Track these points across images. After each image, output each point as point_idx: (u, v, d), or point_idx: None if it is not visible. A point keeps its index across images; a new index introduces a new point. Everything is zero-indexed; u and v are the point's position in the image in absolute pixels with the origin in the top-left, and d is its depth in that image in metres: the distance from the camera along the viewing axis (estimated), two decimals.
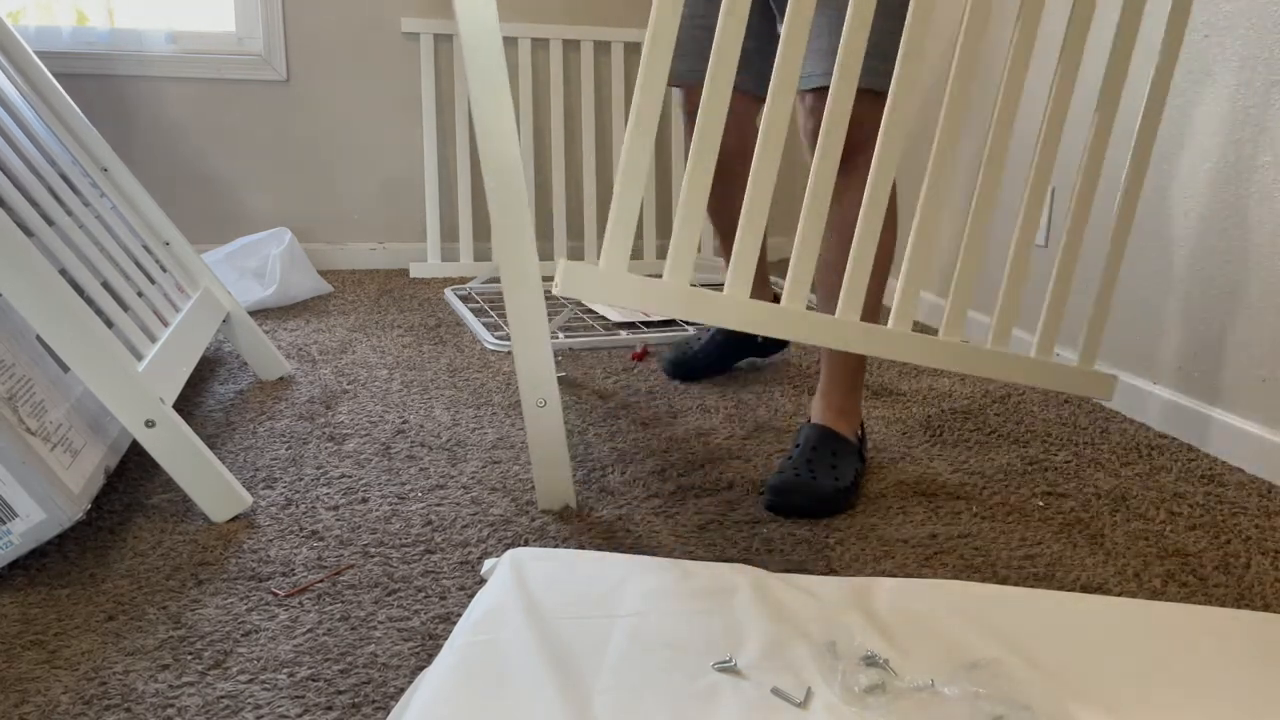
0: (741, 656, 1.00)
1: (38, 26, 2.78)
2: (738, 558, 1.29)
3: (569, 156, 3.17)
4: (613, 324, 2.45)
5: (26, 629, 1.09)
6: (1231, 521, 1.44)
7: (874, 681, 0.95)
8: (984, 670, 0.97)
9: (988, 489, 1.53)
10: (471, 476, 1.53)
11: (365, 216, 3.13)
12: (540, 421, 1.37)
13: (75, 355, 1.25)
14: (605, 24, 3.13)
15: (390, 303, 2.67)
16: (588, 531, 1.35)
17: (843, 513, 1.45)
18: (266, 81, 2.96)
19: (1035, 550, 1.33)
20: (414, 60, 3.03)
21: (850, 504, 1.47)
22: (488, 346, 2.26)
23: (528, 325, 1.34)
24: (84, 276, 1.44)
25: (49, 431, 1.27)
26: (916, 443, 1.72)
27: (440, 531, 1.34)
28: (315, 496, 1.44)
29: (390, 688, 1.00)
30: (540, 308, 1.35)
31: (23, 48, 1.80)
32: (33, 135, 1.63)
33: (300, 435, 1.68)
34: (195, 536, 1.31)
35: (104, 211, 1.71)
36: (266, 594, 1.17)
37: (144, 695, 0.97)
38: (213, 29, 2.93)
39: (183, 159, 2.95)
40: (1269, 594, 1.24)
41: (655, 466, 1.58)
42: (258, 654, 1.05)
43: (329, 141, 3.04)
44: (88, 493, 1.27)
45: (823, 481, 1.45)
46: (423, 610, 1.14)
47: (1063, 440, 1.74)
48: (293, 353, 2.17)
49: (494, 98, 1.29)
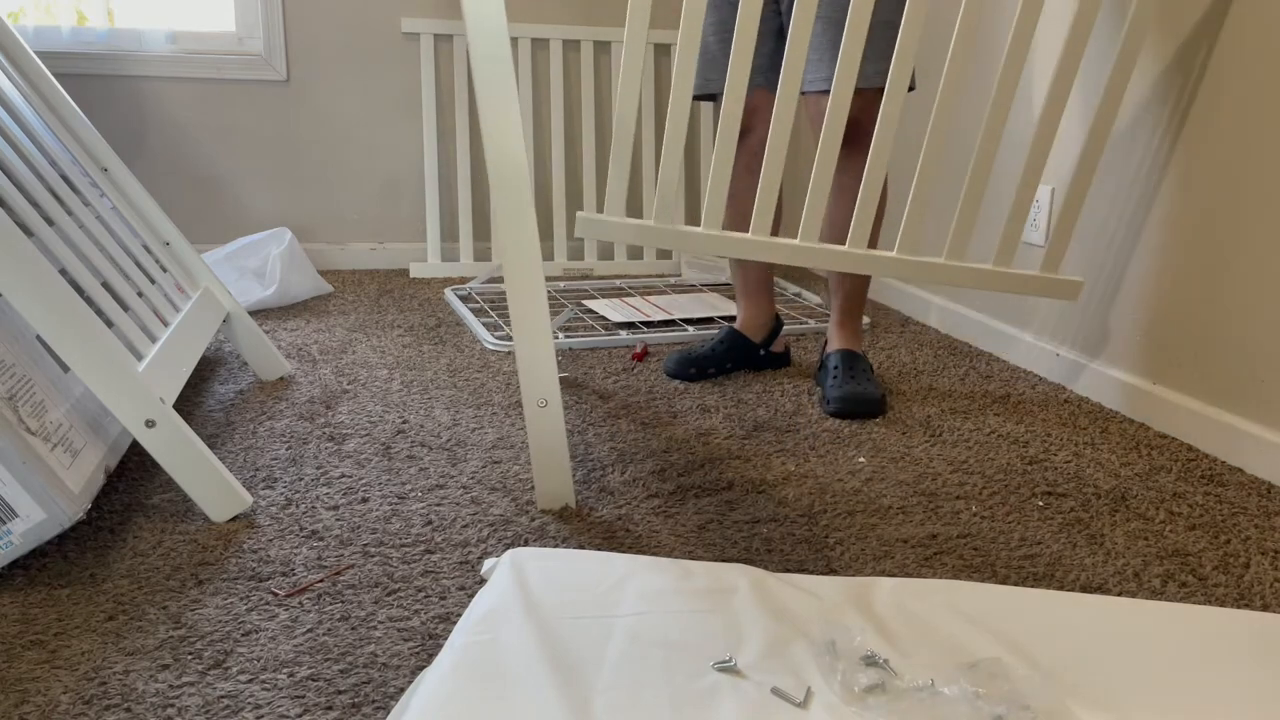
0: (741, 656, 1.00)
1: (37, 26, 2.78)
2: (738, 558, 1.29)
3: (569, 156, 3.17)
4: (613, 324, 2.45)
5: (26, 629, 1.09)
6: (1231, 521, 1.44)
7: (874, 681, 0.95)
8: (984, 670, 0.97)
9: (988, 489, 1.53)
10: (471, 476, 1.53)
11: (365, 216, 3.13)
12: (541, 421, 1.37)
13: (75, 355, 1.25)
14: (605, 24, 3.13)
15: (390, 303, 2.67)
16: (588, 531, 1.35)
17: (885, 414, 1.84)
18: (266, 81, 2.96)
19: (1035, 550, 1.33)
20: (414, 60, 3.03)
21: (888, 406, 1.89)
22: (488, 346, 2.26)
23: (530, 324, 1.34)
24: (84, 276, 1.44)
25: (49, 431, 1.27)
26: (916, 443, 1.72)
27: (440, 531, 1.34)
28: (315, 496, 1.44)
29: (390, 688, 1.00)
30: (543, 307, 1.35)
31: (23, 48, 1.80)
32: (33, 135, 1.63)
33: (300, 435, 1.68)
34: (195, 536, 1.31)
35: (104, 211, 1.71)
36: (266, 594, 1.17)
37: (144, 695, 0.97)
38: (213, 29, 2.93)
39: (183, 159, 2.95)
40: (1269, 594, 1.24)
41: (655, 466, 1.58)
42: (258, 654, 1.05)
43: (329, 141, 3.05)
44: (88, 493, 1.27)
45: (872, 389, 1.85)
46: (423, 610, 1.14)
47: (1063, 440, 1.74)
48: (293, 353, 2.17)
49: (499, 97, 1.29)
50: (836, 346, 1.98)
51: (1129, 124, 1.87)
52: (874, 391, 1.84)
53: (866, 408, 1.82)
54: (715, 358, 2.04)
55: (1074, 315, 2.05)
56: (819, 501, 1.47)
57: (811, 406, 1.89)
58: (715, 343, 2.07)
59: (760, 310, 2.07)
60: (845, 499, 1.48)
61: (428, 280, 2.99)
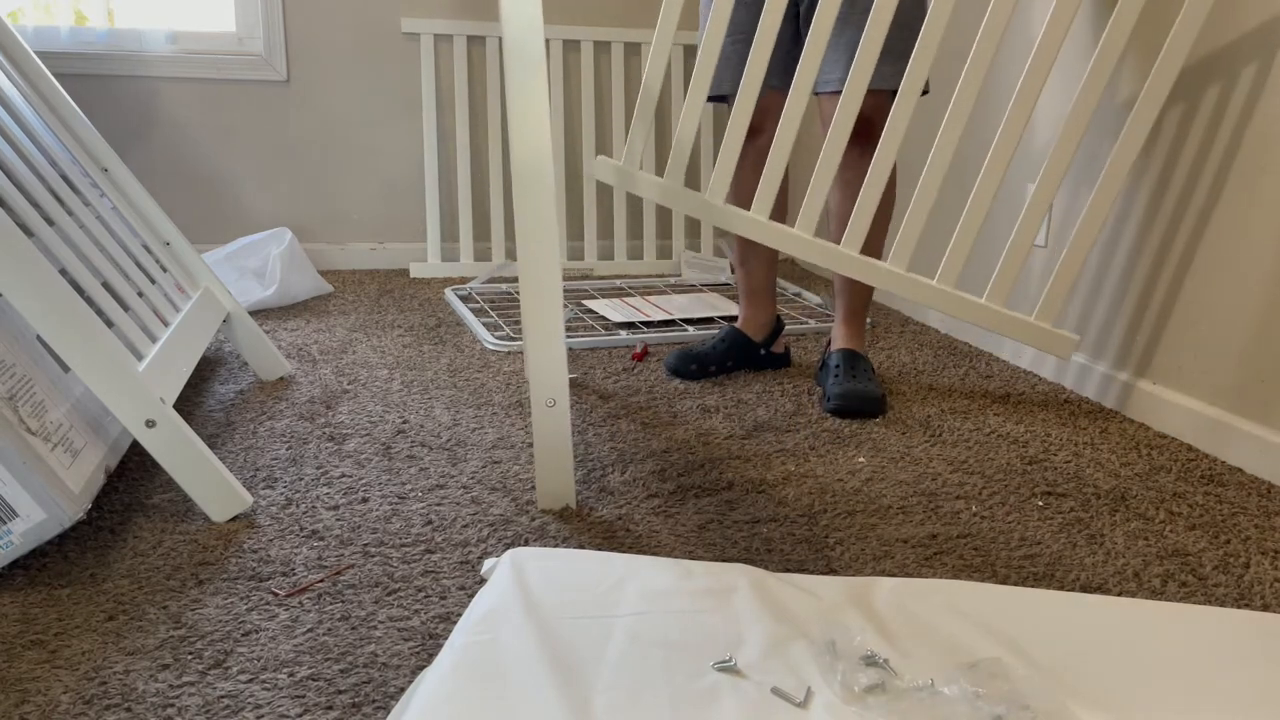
0: (741, 656, 1.00)
1: (36, 26, 2.78)
2: (738, 558, 1.29)
3: (569, 156, 3.17)
4: (613, 324, 2.45)
5: (27, 629, 1.09)
6: (1231, 521, 1.44)
7: (874, 681, 0.95)
8: (984, 670, 0.97)
9: (988, 489, 1.53)
10: (471, 476, 1.53)
11: (365, 216, 3.13)
12: (548, 421, 1.37)
13: (75, 355, 1.25)
14: (605, 24, 3.13)
15: (390, 303, 2.67)
16: (588, 531, 1.35)
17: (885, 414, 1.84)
18: (266, 81, 2.96)
19: (1035, 550, 1.33)
20: (414, 60, 3.03)
21: (888, 406, 1.88)
22: (488, 346, 2.26)
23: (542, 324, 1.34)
24: (84, 276, 1.44)
25: (49, 431, 1.27)
26: (916, 443, 1.72)
27: (440, 531, 1.34)
28: (315, 496, 1.44)
29: (390, 687, 1.00)
30: (557, 308, 1.34)
31: (23, 47, 1.80)
32: (33, 135, 1.63)
33: (300, 435, 1.68)
34: (195, 536, 1.31)
35: (104, 211, 1.71)
36: (267, 594, 1.17)
37: (144, 695, 0.97)
38: (213, 29, 2.93)
39: (183, 159, 2.95)
40: (1269, 594, 1.24)
41: (655, 466, 1.58)
42: (258, 654, 1.05)
43: (329, 141, 3.05)
44: (88, 493, 1.27)
45: (873, 388, 1.86)
46: (423, 610, 1.14)
47: (1063, 440, 1.75)
48: (293, 353, 2.17)
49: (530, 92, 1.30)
50: (839, 346, 2.00)
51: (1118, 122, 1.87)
52: (875, 390, 1.86)
53: (867, 406, 1.83)
54: (716, 356, 2.04)
55: (1074, 315, 2.05)
56: (819, 501, 1.47)
57: (811, 406, 1.89)
58: (716, 341, 2.07)
59: (762, 310, 2.08)
60: (845, 499, 1.48)
61: (428, 280, 2.99)
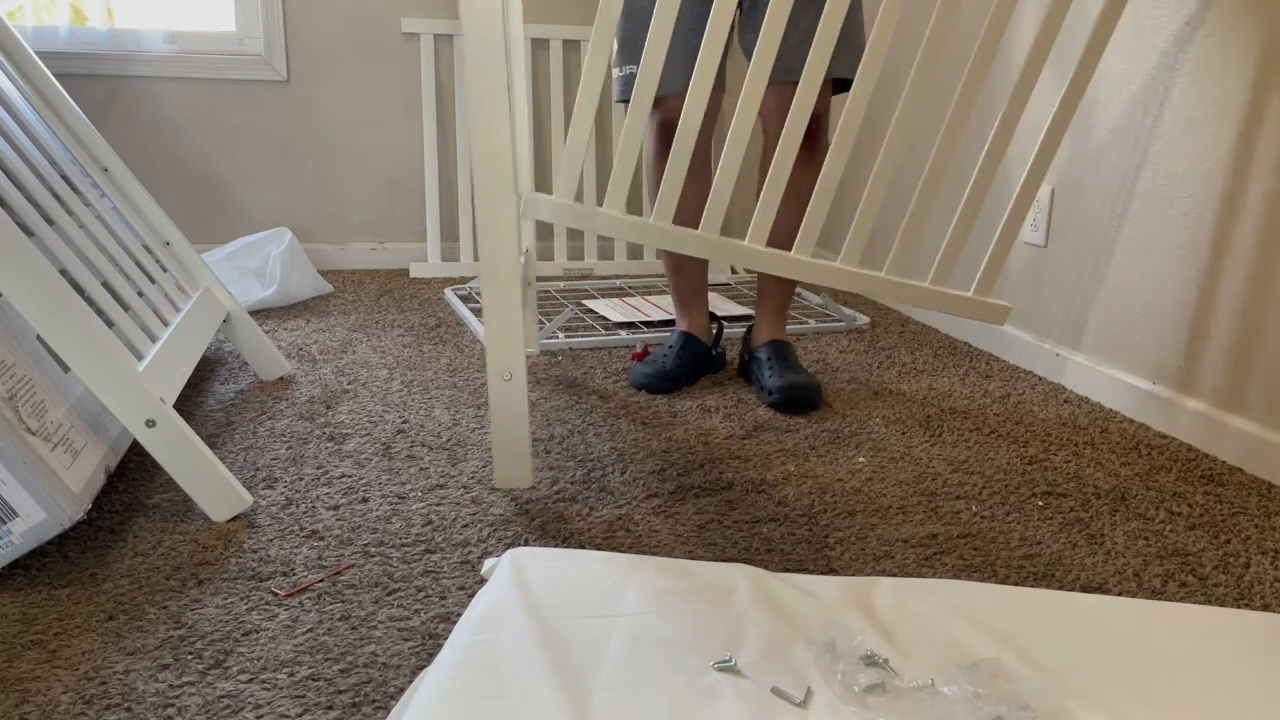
0: (741, 656, 1.00)
1: (35, 26, 2.78)
2: (738, 558, 1.29)
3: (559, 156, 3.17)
4: (613, 324, 2.46)
5: (26, 629, 1.09)
6: (1231, 521, 1.44)
7: (874, 681, 0.95)
8: (984, 670, 0.97)
9: (988, 489, 1.53)
10: (471, 476, 1.53)
11: (365, 216, 3.13)
12: (504, 395, 1.35)
13: (75, 355, 1.25)
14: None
15: (390, 303, 2.67)
16: (588, 531, 1.35)
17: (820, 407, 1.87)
18: (266, 81, 2.96)
19: (1035, 550, 1.34)
20: (414, 60, 3.03)
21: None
22: None
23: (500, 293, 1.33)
24: (84, 276, 1.44)
25: (49, 431, 1.27)
26: (916, 443, 1.72)
27: (440, 531, 1.34)
28: (315, 496, 1.44)
29: (390, 687, 1.00)
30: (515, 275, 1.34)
31: (23, 47, 1.80)
32: (33, 135, 1.63)
33: (300, 435, 1.68)
34: (195, 536, 1.31)
35: (104, 211, 1.71)
36: (267, 594, 1.17)
37: (144, 695, 0.97)
38: (213, 29, 2.93)
39: (183, 159, 2.95)
40: (1269, 594, 1.24)
41: (655, 466, 1.58)
42: (258, 654, 1.05)
43: (329, 141, 3.05)
44: (88, 492, 1.27)
45: (810, 379, 1.88)
46: (423, 610, 1.14)
47: (1063, 440, 1.75)
48: (293, 352, 2.17)
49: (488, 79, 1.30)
50: (767, 338, 1.99)
51: (1120, 122, 1.87)
52: (812, 381, 1.87)
53: (808, 397, 1.84)
54: (684, 369, 2.00)
55: (1074, 316, 2.05)
56: (819, 501, 1.47)
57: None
58: (678, 353, 2.01)
59: (703, 313, 2.10)
60: (845, 499, 1.48)
61: (428, 280, 2.99)
